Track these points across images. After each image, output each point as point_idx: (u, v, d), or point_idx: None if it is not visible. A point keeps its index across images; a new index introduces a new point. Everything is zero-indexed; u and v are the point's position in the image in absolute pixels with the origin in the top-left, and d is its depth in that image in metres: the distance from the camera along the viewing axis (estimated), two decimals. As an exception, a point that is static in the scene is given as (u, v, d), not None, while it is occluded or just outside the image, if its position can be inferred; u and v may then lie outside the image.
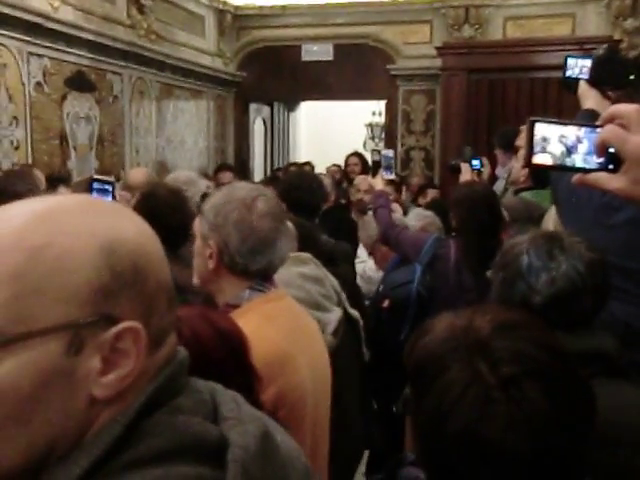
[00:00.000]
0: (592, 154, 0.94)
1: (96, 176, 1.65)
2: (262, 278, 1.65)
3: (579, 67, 2.21)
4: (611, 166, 0.93)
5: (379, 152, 3.63)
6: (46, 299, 0.61)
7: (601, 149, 0.92)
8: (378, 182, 3.51)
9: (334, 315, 2.16)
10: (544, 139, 0.95)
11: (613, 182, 0.92)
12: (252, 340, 1.27)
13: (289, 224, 1.76)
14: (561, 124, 0.95)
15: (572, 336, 1.25)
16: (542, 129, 0.95)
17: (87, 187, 1.70)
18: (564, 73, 2.22)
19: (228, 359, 1.20)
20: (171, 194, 2.54)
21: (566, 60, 2.22)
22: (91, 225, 0.65)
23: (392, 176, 3.70)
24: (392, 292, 2.80)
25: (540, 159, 0.95)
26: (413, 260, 2.92)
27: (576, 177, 0.96)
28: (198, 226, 1.67)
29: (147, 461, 0.61)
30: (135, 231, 0.68)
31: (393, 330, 2.76)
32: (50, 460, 0.63)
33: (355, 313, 2.41)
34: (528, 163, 0.95)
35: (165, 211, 2.37)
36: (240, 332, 1.27)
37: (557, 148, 0.95)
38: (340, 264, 2.82)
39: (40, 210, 0.65)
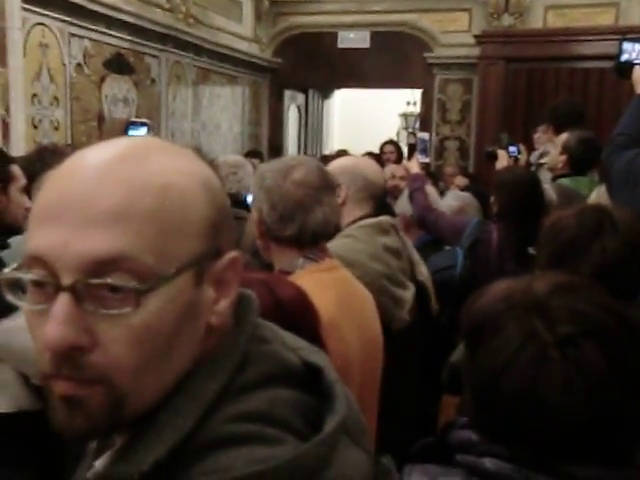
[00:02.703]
0: None
1: (132, 119, 1.70)
2: (315, 248, 1.67)
3: (636, 51, 2.16)
4: None
5: (414, 135, 3.64)
6: (179, 236, 0.63)
7: None
8: (414, 165, 3.49)
9: (410, 292, 2.18)
10: None
11: None
12: None
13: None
14: None
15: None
16: None
17: (124, 127, 1.76)
18: (619, 57, 2.17)
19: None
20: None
21: (621, 44, 2.16)
22: (187, 164, 0.68)
23: (427, 159, 3.69)
24: (434, 276, 2.77)
25: None
26: (451, 244, 2.89)
27: None
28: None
29: (256, 386, 0.65)
30: (209, 169, 0.71)
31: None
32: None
33: (423, 276, 2.40)
34: None
35: None
36: (304, 302, 1.26)
37: None
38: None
39: (142, 150, 0.67)
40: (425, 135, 3.82)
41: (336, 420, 0.63)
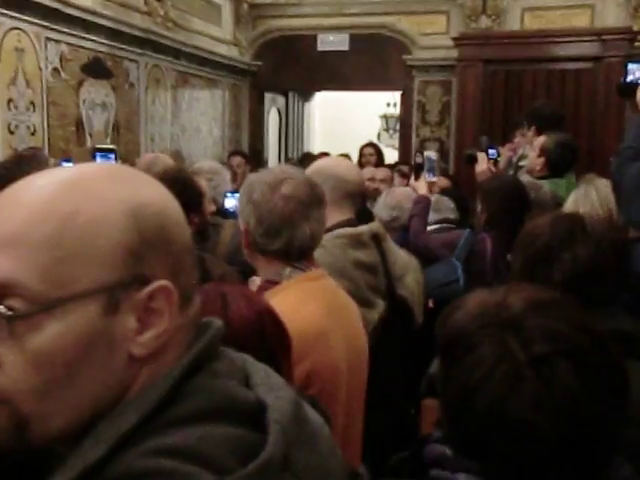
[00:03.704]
0: None
1: (98, 145, 1.71)
2: (301, 258, 1.66)
3: None
4: None
5: (422, 154, 3.57)
6: (81, 263, 0.63)
7: None
8: (421, 185, 3.35)
9: (377, 311, 2.13)
10: None
11: None
12: (289, 315, 1.26)
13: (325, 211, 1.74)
14: None
15: (594, 316, 1.23)
16: None
17: (91, 156, 1.77)
18: (624, 78, 2.23)
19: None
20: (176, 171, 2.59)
21: (626, 65, 2.23)
22: (116, 191, 0.67)
23: (435, 178, 3.60)
24: (436, 291, 2.65)
25: None
26: (445, 258, 2.88)
27: None
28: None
29: (189, 420, 0.63)
30: (157, 194, 0.71)
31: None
32: (96, 419, 0.65)
33: (406, 289, 2.31)
34: None
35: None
36: (260, 324, 1.18)
37: None
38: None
39: (67, 179, 0.67)
40: (432, 154, 3.74)
41: (259, 461, 0.61)
